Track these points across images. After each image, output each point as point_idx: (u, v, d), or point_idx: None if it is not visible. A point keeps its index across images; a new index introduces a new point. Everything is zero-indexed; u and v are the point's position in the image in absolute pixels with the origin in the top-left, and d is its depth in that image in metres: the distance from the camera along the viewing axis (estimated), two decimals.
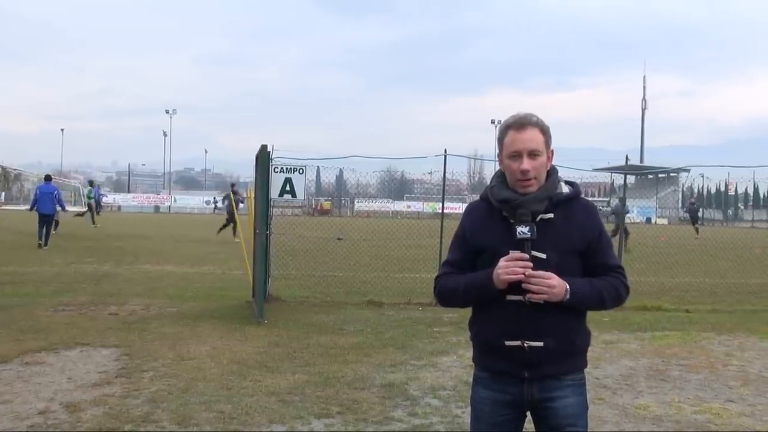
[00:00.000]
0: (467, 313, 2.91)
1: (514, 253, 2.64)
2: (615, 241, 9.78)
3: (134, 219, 45.25)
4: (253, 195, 11.92)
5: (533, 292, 2.61)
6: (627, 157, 14.60)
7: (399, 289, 12.69)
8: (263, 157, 10.46)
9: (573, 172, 14.87)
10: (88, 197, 34.93)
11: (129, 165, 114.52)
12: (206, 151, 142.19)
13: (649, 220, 65.25)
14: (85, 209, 34.61)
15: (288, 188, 10.79)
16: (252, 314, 9.81)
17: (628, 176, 15.21)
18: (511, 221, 2.70)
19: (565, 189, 2.79)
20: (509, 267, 2.61)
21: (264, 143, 10.58)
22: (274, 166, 10.80)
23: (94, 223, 31.28)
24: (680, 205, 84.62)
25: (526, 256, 2.62)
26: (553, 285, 2.61)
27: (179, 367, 6.85)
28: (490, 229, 2.76)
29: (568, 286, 2.64)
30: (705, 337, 9.18)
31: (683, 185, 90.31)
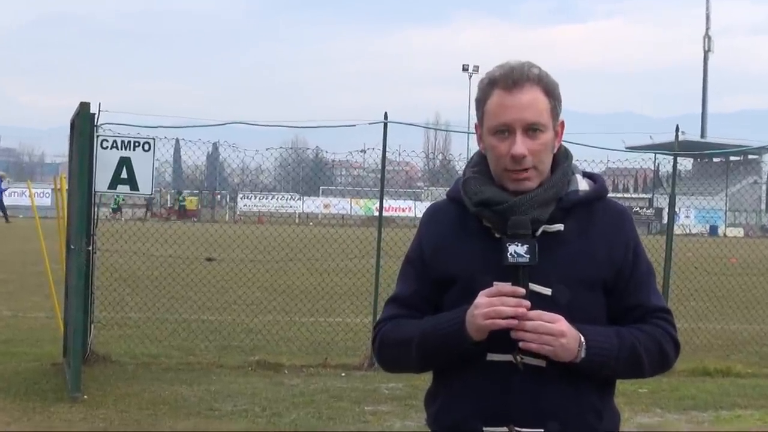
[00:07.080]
0: (423, 382, 2.95)
1: (501, 285, 2.68)
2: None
3: None
4: (66, 185, 11.77)
5: (530, 344, 2.65)
6: (678, 129, 14.74)
7: (308, 342, 12.73)
8: (83, 124, 10.34)
9: (595, 152, 15.06)
10: None
11: None
12: None
13: (714, 229, 66.11)
14: None
15: (125, 175, 10.69)
16: (62, 384, 9.70)
17: (680, 159, 15.36)
18: (497, 236, 2.75)
19: (583, 184, 2.85)
20: (493, 305, 2.64)
21: (85, 101, 10.47)
22: (102, 139, 10.69)
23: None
24: (764, 206, 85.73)
25: (521, 290, 2.66)
26: (562, 332, 2.65)
27: None
28: (463, 248, 2.81)
29: (582, 338, 2.69)
30: None
31: None
